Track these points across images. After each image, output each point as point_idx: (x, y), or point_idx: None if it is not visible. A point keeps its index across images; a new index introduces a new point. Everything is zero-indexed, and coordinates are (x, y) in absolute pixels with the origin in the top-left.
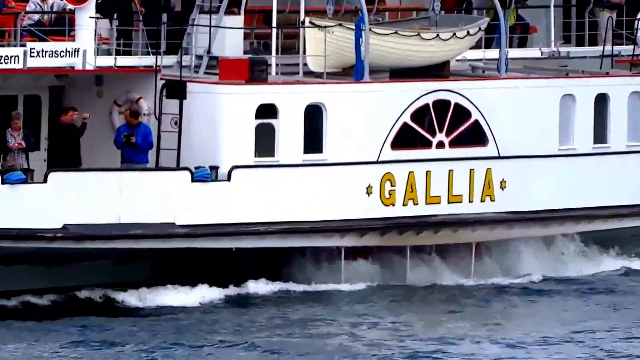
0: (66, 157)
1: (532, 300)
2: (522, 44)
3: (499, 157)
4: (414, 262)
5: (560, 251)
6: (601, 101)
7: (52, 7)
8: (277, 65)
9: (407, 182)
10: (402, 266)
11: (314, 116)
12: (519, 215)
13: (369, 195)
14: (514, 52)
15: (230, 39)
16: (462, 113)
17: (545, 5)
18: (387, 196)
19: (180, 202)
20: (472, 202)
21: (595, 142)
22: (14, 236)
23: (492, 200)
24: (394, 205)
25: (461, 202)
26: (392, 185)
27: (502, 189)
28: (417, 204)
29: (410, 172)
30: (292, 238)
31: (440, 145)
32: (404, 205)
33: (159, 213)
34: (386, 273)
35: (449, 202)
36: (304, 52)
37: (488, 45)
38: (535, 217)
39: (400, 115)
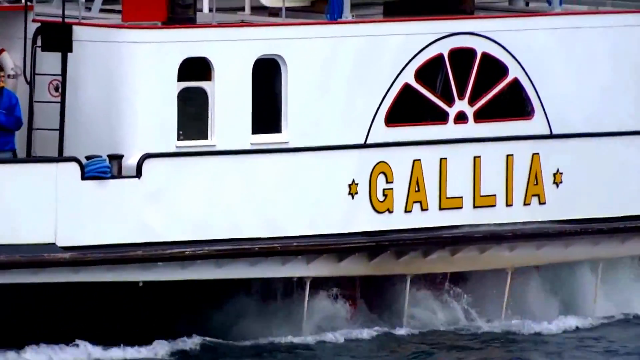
0: None
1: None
2: None
3: (552, 137)
4: (418, 300)
5: None
6: None
7: None
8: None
9: (411, 176)
10: (399, 306)
11: (268, 76)
12: (584, 226)
13: (352, 198)
14: None
15: None
16: (494, 69)
17: None
18: (381, 198)
19: (64, 210)
20: (510, 205)
21: None
22: None
23: (541, 202)
24: (390, 212)
25: (494, 206)
26: (387, 182)
27: (557, 186)
28: (427, 209)
29: (415, 161)
30: (233, 266)
31: (462, 118)
32: (406, 211)
33: (31, 229)
34: (375, 317)
35: (474, 207)
36: None
37: None
38: (610, 228)
39: (400, 74)
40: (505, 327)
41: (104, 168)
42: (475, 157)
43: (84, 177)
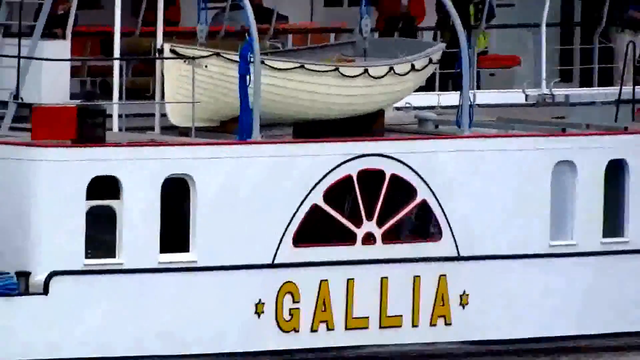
0: None
1: None
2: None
3: (459, 258)
4: None
5: None
6: (615, 171)
7: None
8: (120, 116)
9: (318, 297)
10: None
11: (176, 195)
12: (489, 347)
13: (259, 317)
14: (484, 97)
15: (50, 75)
16: (402, 191)
17: (533, 23)
18: (287, 318)
19: None
20: (416, 326)
21: (605, 235)
22: None
23: (447, 323)
24: (296, 331)
25: (400, 326)
26: (294, 301)
27: (463, 307)
28: (333, 329)
29: (322, 282)
30: None
31: (369, 239)
32: (312, 331)
33: None
34: None
35: (381, 327)
36: (162, 97)
37: (444, 87)
38: (517, 350)
39: (308, 195)
40: None
41: (11, 285)
42: (382, 278)
43: None
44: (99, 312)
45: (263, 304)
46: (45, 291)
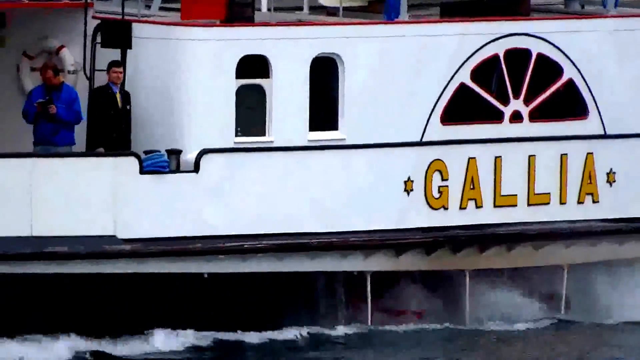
0: None
1: None
2: None
3: (606, 137)
4: (477, 295)
5: None
6: None
7: None
8: None
9: (467, 174)
10: (458, 301)
11: (325, 74)
12: (635, 225)
13: (408, 194)
14: None
15: None
16: (548, 70)
17: None
18: (436, 195)
19: (123, 204)
20: (564, 204)
21: None
22: None
23: (595, 201)
24: (446, 208)
25: (549, 203)
26: (443, 179)
27: (611, 185)
28: (481, 206)
29: (470, 159)
30: (292, 259)
31: (517, 117)
32: (461, 208)
33: (91, 221)
34: (434, 311)
35: (529, 205)
36: None
37: None
38: None
39: (456, 73)
40: (566, 322)
41: (162, 162)
42: (530, 156)
43: (142, 172)
44: (249, 189)
45: (412, 181)
46: (196, 169)
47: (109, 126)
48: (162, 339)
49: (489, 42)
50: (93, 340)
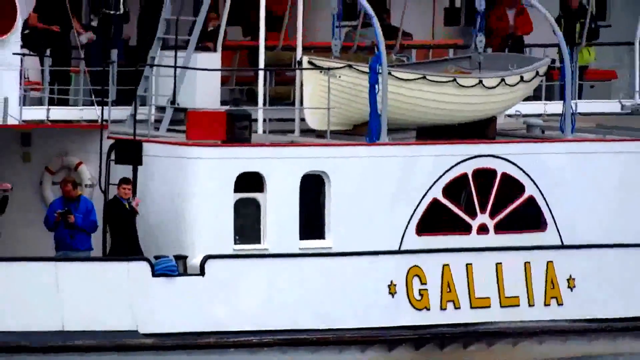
0: None
1: None
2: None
3: (563, 247)
4: None
5: None
6: None
7: None
8: (264, 120)
9: (442, 278)
10: None
11: (313, 190)
12: (600, 325)
13: (392, 297)
14: (585, 106)
15: (202, 84)
16: (512, 187)
17: (628, 42)
18: (418, 297)
19: (138, 303)
20: (532, 306)
21: None
22: None
23: (559, 304)
24: (428, 309)
25: (519, 305)
26: (422, 283)
27: (572, 290)
28: (459, 307)
29: (444, 266)
30: (293, 354)
31: (483, 229)
32: (441, 309)
33: (116, 318)
34: None
35: (502, 306)
36: (301, 103)
37: (550, 97)
38: (625, 327)
39: (429, 190)
40: None
41: (171, 267)
42: (497, 264)
43: (154, 275)
44: (249, 291)
45: (395, 285)
46: (202, 272)
47: (122, 233)
48: None
49: (459, 163)
50: None
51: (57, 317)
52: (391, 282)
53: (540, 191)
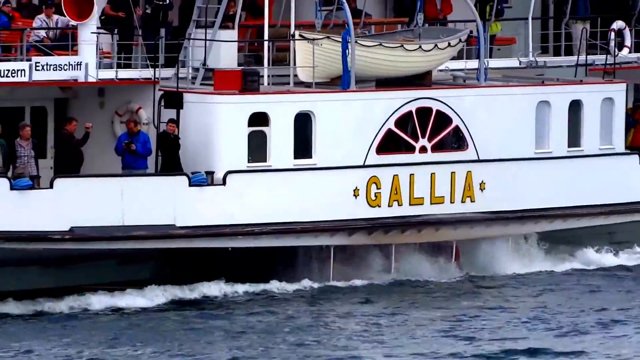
0: (70, 164)
1: (502, 292)
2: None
3: (479, 161)
4: (400, 259)
5: (538, 247)
6: (575, 107)
7: (56, 23)
8: (268, 76)
9: (392, 184)
10: (385, 265)
11: (303, 123)
12: (498, 215)
13: (356, 198)
14: (494, 62)
15: (224, 52)
16: (443, 119)
17: (523, 17)
18: (373, 198)
19: (179, 205)
20: (453, 203)
21: (569, 146)
22: (25, 238)
23: (472, 201)
24: (379, 206)
25: (443, 203)
26: (377, 188)
27: (482, 191)
28: (402, 205)
29: (394, 176)
30: (284, 238)
31: (423, 150)
32: (389, 206)
33: (160, 216)
34: (374, 269)
35: (431, 204)
36: (294, 64)
37: (469, 56)
38: (513, 217)
39: (385, 122)
40: (453, 278)
41: (202, 179)
42: (432, 173)
43: (190, 185)
44: (255, 195)
45: (358, 189)
46: (224, 183)
47: (168, 157)
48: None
49: (406, 103)
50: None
51: (120, 215)
52: (356, 187)
53: (463, 122)
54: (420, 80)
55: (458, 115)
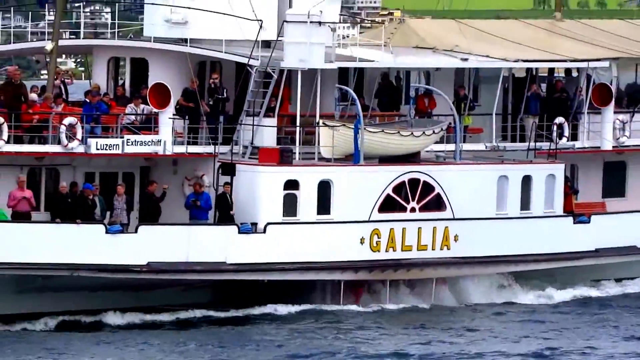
0: (151, 215)
1: (476, 318)
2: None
3: (454, 219)
4: (391, 292)
5: (497, 285)
6: (526, 180)
7: (142, 110)
8: (299, 153)
9: (389, 235)
10: (383, 296)
11: (324, 189)
12: (468, 259)
13: (362, 244)
14: (466, 146)
15: (267, 134)
16: (428, 188)
17: (489, 113)
18: (375, 245)
19: (230, 248)
20: (434, 250)
21: (521, 209)
22: (113, 270)
23: (448, 249)
24: (379, 251)
25: (427, 250)
26: (378, 238)
27: (456, 241)
28: (395, 250)
29: (391, 229)
30: (307, 273)
31: (413, 210)
32: (386, 251)
33: (215, 255)
34: (372, 299)
35: (418, 250)
36: (319, 144)
37: (448, 141)
38: (479, 261)
39: (385, 189)
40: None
41: (248, 228)
42: (419, 228)
43: (239, 232)
44: (287, 241)
45: (364, 238)
46: (264, 232)
47: (223, 211)
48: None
49: (401, 175)
50: None
51: (186, 254)
52: (362, 237)
53: (443, 190)
54: (411, 158)
55: (439, 184)
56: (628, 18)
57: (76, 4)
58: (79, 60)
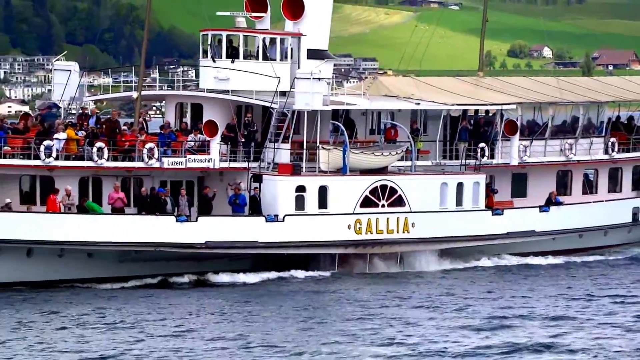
0: (205, 210)
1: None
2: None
3: (411, 212)
4: (370, 262)
5: (439, 257)
6: (460, 186)
7: (199, 138)
8: (306, 167)
9: (367, 223)
10: (364, 264)
11: (323, 191)
12: (421, 239)
13: (349, 229)
14: (419, 163)
15: (283, 155)
16: (393, 191)
17: (434, 140)
18: (358, 229)
19: (260, 232)
20: (398, 233)
21: (456, 205)
22: (181, 246)
23: (407, 232)
24: (361, 234)
25: (393, 233)
26: (360, 225)
27: (413, 227)
28: (372, 233)
29: (369, 219)
30: (312, 249)
31: (383, 206)
32: (366, 234)
33: (250, 236)
34: (357, 267)
35: (387, 233)
36: (319, 161)
37: (406, 159)
38: (429, 241)
39: (364, 191)
40: (399, 271)
41: (272, 219)
42: (387, 218)
43: (266, 222)
44: (301, 228)
45: (350, 225)
46: (283, 221)
47: (255, 207)
48: None
49: (375, 182)
50: None
51: (230, 235)
52: (349, 224)
53: (403, 192)
54: (382, 170)
55: (401, 188)
56: (549, 76)
57: (171, 66)
58: (159, 105)
